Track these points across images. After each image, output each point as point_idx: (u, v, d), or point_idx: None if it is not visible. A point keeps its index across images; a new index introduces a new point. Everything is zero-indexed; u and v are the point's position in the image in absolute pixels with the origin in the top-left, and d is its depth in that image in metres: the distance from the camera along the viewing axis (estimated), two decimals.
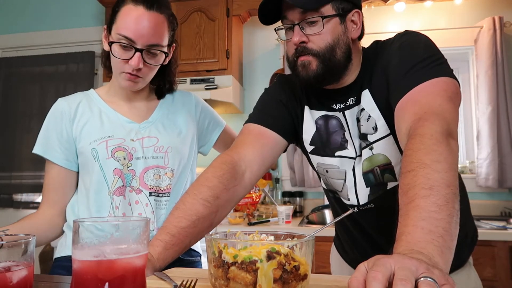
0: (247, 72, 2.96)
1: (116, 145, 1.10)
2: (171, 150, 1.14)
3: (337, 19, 0.90)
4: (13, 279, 0.52)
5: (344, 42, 0.91)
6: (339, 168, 0.99)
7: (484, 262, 1.91)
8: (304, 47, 0.90)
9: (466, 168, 2.64)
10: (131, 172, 1.11)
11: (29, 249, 0.55)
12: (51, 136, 1.16)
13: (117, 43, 1.04)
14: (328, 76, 0.91)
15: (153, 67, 1.10)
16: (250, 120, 1.04)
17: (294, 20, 0.90)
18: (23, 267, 0.54)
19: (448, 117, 0.72)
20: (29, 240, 0.55)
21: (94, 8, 3.14)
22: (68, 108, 1.15)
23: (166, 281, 0.70)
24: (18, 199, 3.08)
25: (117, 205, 1.09)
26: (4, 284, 0.51)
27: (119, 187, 1.10)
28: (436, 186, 0.59)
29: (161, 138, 1.14)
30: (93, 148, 1.10)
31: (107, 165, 1.09)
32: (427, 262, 0.46)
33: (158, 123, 1.17)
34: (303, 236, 0.63)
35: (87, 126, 1.13)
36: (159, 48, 1.07)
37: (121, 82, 1.10)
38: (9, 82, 3.20)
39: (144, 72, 1.08)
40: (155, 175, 1.12)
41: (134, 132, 1.13)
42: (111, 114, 1.16)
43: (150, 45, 1.05)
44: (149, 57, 1.07)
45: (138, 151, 1.11)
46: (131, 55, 1.04)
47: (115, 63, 1.08)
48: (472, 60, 2.71)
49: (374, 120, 0.92)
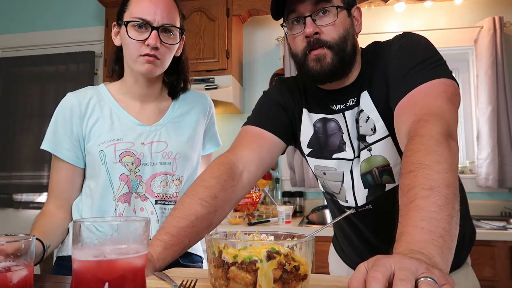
0: (247, 72, 2.96)
1: (125, 150, 1.08)
2: (180, 157, 1.13)
3: (346, 12, 0.91)
4: (13, 279, 0.52)
5: (352, 35, 0.92)
6: (336, 170, 0.99)
7: (484, 262, 1.91)
8: (318, 38, 0.89)
9: (466, 168, 2.64)
10: (137, 178, 1.09)
11: (29, 249, 0.55)
12: (60, 132, 1.12)
13: (133, 22, 1.05)
14: (341, 69, 0.91)
15: (170, 47, 1.09)
16: (248, 122, 1.04)
17: (305, 12, 0.89)
18: (23, 267, 0.54)
19: (448, 118, 0.72)
20: (29, 240, 0.55)
21: (94, 8, 3.14)
22: (78, 104, 1.12)
23: (166, 281, 0.70)
24: (18, 199, 3.08)
25: (121, 211, 1.08)
26: (4, 284, 0.51)
27: (124, 193, 1.08)
28: (436, 187, 0.59)
29: (170, 143, 1.13)
30: (101, 150, 1.08)
31: (114, 169, 1.08)
32: (427, 262, 0.46)
33: (169, 125, 1.16)
34: (303, 236, 0.63)
35: (96, 125, 1.11)
36: (174, 28, 1.08)
37: (139, 68, 1.07)
38: (9, 82, 3.20)
39: (162, 53, 1.07)
40: (162, 182, 1.10)
41: (144, 136, 1.12)
42: (122, 115, 1.13)
43: (165, 23, 1.06)
44: (166, 37, 1.07)
45: (146, 157, 1.09)
46: (148, 35, 1.04)
47: (131, 48, 1.06)
48: (472, 60, 2.71)
49: (373, 121, 0.92)
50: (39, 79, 3.15)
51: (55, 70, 3.13)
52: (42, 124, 3.10)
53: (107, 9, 2.82)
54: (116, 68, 1.19)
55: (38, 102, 3.13)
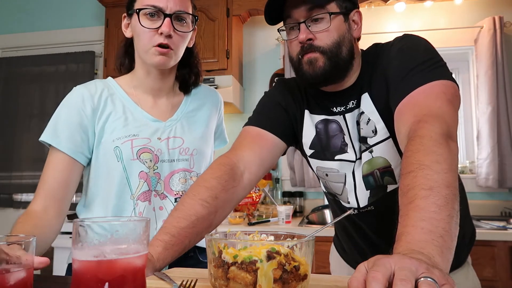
0: (247, 72, 2.96)
1: (142, 146, 1.04)
2: (196, 153, 1.11)
3: (342, 17, 0.91)
4: (10, 281, 0.52)
5: (349, 40, 0.92)
6: (338, 172, 0.99)
7: (484, 262, 1.91)
8: (311, 44, 0.89)
9: (466, 168, 2.64)
10: (156, 176, 1.05)
11: (29, 250, 0.55)
12: (63, 123, 1.03)
13: (144, 9, 1.01)
14: (334, 74, 0.91)
15: (183, 36, 1.05)
16: (249, 123, 1.04)
17: (299, 19, 0.90)
18: (22, 269, 0.53)
19: (447, 119, 0.73)
20: (29, 241, 0.55)
21: (94, 8, 3.14)
22: (91, 97, 1.06)
23: (166, 281, 0.70)
24: (18, 199, 3.08)
25: (141, 211, 1.03)
26: (2, 285, 0.51)
27: (144, 191, 1.04)
28: (436, 187, 0.59)
29: (186, 140, 1.10)
30: (116, 146, 1.03)
31: (132, 167, 1.03)
32: (427, 262, 0.46)
33: (183, 121, 1.13)
34: (303, 236, 0.63)
35: (110, 120, 1.06)
36: (187, 14, 1.05)
37: (152, 59, 1.03)
38: (9, 82, 3.20)
39: (175, 42, 1.04)
40: (181, 179, 1.08)
41: (160, 132, 1.08)
42: (136, 111, 1.09)
43: (178, 10, 1.03)
44: (179, 25, 1.04)
45: (164, 153, 1.06)
46: (160, 23, 1.01)
47: (144, 38, 1.03)
48: (472, 60, 2.71)
49: (374, 123, 0.92)
50: (39, 79, 3.15)
51: (55, 70, 3.13)
52: (42, 124, 3.08)
53: (107, 9, 2.82)
54: (126, 61, 1.15)
55: (38, 102, 3.13)
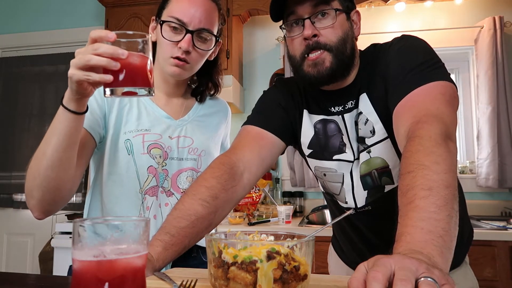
0: (247, 72, 2.96)
1: (153, 141, 1.06)
2: (204, 154, 1.12)
3: (344, 15, 0.92)
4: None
5: (351, 38, 0.93)
6: (336, 172, 0.99)
7: (484, 262, 1.91)
8: (317, 41, 0.89)
9: (466, 168, 2.64)
10: (164, 172, 1.07)
11: (145, 47, 0.73)
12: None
13: (168, 22, 1.02)
14: (340, 72, 0.91)
15: (202, 53, 1.06)
16: (248, 122, 1.04)
17: (304, 15, 0.89)
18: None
19: (446, 119, 0.73)
20: (146, 39, 0.72)
21: (94, 8, 3.14)
22: None
23: (166, 281, 0.70)
24: (18, 199, 3.08)
25: (149, 205, 1.05)
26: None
27: (152, 186, 1.06)
28: (435, 187, 0.59)
29: (196, 140, 1.12)
30: (127, 139, 1.04)
31: (142, 161, 1.05)
32: (427, 262, 0.46)
33: (194, 122, 1.15)
34: (303, 236, 0.63)
35: (124, 111, 1.07)
36: (210, 34, 1.05)
37: (168, 68, 1.05)
38: (9, 82, 3.20)
39: (193, 58, 1.05)
40: (188, 177, 1.09)
41: (171, 129, 1.10)
42: (150, 106, 1.11)
43: (201, 28, 1.03)
44: (199, 42, 1.04)
45: (174, 151, 1.08)
46: (181, 37, 1.02)
47: (164, 48, 1.04)
48: (472, 60, 2.71)
49: (372, 123, 0.92)
50: (39, 79, 3.15)
51: (55, 70, 3.13)
52: (42, 124, 3.10)
53: (107, 9, 2.81)
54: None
55: (38, 102, 3.13)
